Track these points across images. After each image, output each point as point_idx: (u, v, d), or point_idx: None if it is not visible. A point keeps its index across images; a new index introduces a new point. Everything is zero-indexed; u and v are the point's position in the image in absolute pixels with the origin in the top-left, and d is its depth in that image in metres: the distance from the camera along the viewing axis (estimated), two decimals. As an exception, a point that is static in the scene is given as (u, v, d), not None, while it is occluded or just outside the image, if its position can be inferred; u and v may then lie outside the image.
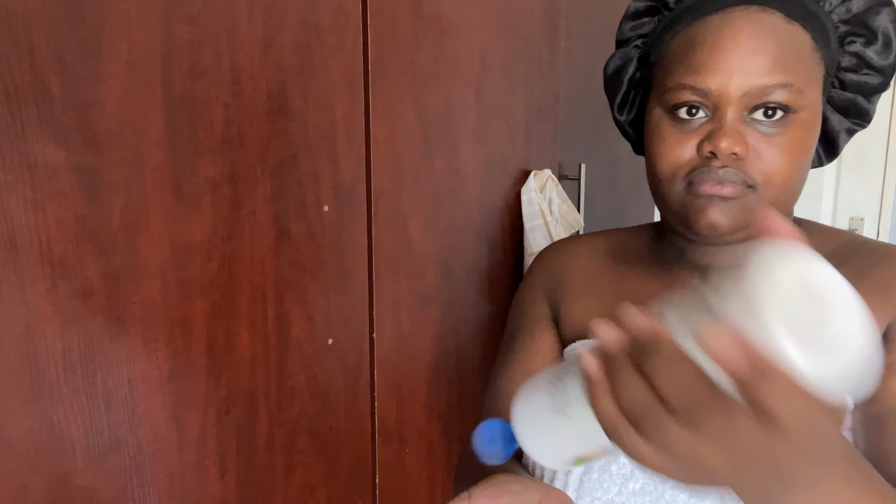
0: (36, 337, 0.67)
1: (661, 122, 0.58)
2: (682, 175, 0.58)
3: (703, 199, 0.56)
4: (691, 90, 0.55)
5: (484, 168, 1.20)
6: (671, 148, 0.57)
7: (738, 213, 0.56)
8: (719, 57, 0.54)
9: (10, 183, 0.63)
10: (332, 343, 0.98)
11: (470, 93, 1.15)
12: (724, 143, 0.54)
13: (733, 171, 0.55)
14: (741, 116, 0.55)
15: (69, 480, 0.71)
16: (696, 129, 0.56)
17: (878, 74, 0.60)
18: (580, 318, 0.69)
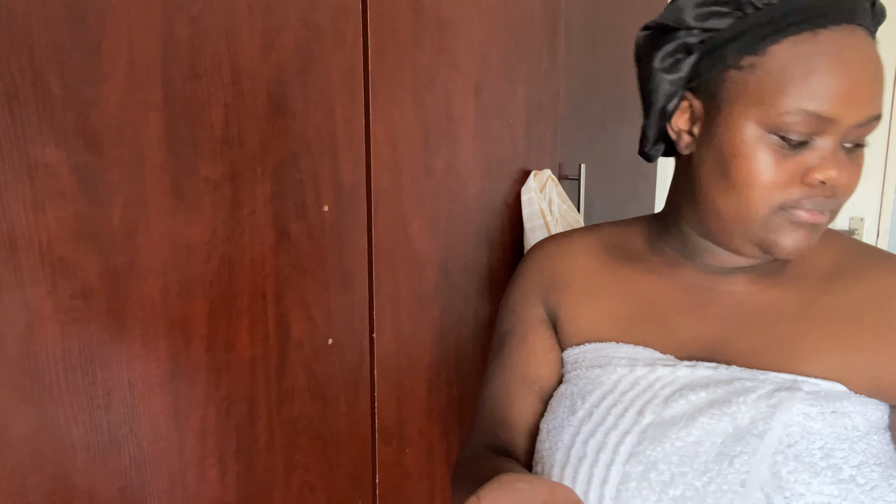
0: (36, 337, 0.67)
1: (762, 144, 0.54)
2: (779, 202, 0.55)
3: (799, 226, 0.55)
4: (815, 118, 0.52)
5: (484, 168, 1.20)
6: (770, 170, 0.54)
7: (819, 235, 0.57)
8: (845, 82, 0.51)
9: (10, 183, 0.63)
10: (332, 343, 0.98)
11: (470, 92, 1.15)
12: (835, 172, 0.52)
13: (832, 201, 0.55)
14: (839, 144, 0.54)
15: (69, 480, 0.71)
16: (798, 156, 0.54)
17: None
18: (585, 322, 0.68)
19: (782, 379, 0.58)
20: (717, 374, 0.59)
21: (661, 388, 0.60)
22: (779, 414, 0.55)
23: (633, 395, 0.60)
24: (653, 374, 0.61)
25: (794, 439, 0.55)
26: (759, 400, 0.56)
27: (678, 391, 0.59)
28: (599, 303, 0.67)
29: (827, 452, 0.54)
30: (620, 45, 1.62)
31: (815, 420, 0.55)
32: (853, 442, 0.55)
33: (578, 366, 0.66)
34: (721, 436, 0.56)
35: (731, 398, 0.57)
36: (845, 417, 0.56)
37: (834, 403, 0.56)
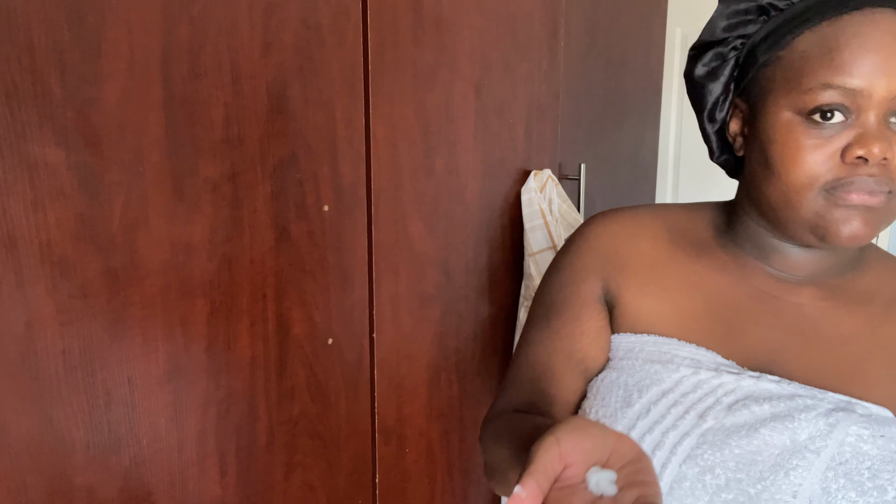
0: (36, 337, 0.67)
1: (794, 126, 0.55)
2: (822, 183, 0.54)
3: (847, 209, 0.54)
4: (839, 90, 0.52)
5: (484, 168, 1.20)
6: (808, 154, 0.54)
7: (879, 222, 0.55)
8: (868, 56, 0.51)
9: (10, 183, 0.63)
10: (332, 343, 0.98)
11: (470, 92, 1.15)
12: (876, 147, 0.52)
13: (882, 179, 0.53)
14: (882, 120, 0.53)
15: (69, 480, 0.71)
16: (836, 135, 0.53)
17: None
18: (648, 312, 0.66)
19: (839, 399, 0.59)
20: (780, 388, 0.59)
21: (724, 394, 0.60)
22: (835, 433, 0.56)
23: (694, 397, 0.60)
24: (717, 379, 0.60)
25: (846, 458, 0.56)
26: (818, 418, 0.57)
27: (741, 400, 0.59)
28: (665, 294, 0.65)
29: (874, 473, 0.55)
30: (620, 45, 1.62)
31: (866, 442, 0.56)
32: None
33: (634, 356, 0.65)
34: (779, 448, 0.57)
35: (792, 413, 0.57)
36: (893, 443, 0.57)
37: (884, 428, 0.57)
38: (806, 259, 0.63)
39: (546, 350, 0.70)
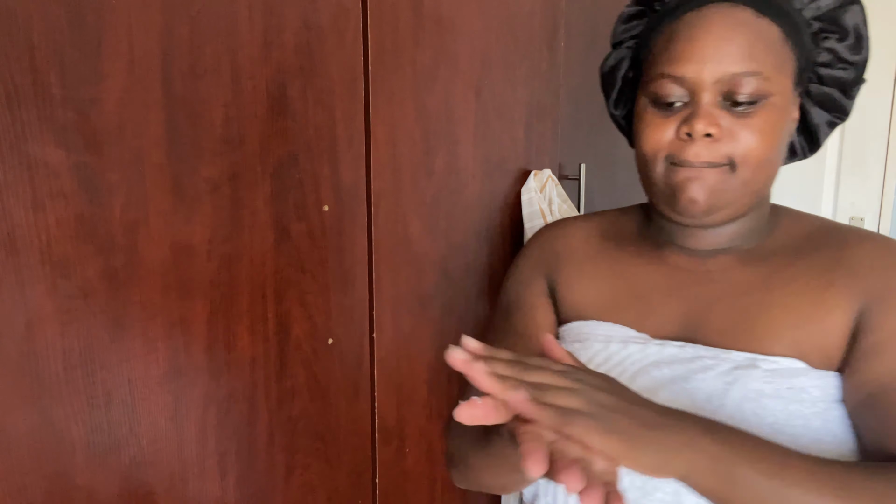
0: (36, 337, 0.67)
1: (646, 109, 0.63)
2: (663, 156, 0.62)
3: (682, 178, 0.60)
4: (671, 79, 0.60)
5: (484, 168, 1.20)
6: (654, 131, 0.62)
7: (716, 192, 0.60)
8: (694, 47, 0.59)
9: (10, 183, 0.63)
10: (332, 343, 0.98)
11: (470, 93, 1.15)
12: (698, 124, 0.58)
13: (707, 153, 0.59)
14: (716, 101, 0.59)
15: (69, 480, 0.71)
16: (676, 114, 0.61)
17: (851, 69, 0.64)
18: (579, 299, 0.73)
19: (742, 358, 0.61)
20: (683, 352, 0.63)
21: (630, 364, 0.65)
22: (733, 391, 0.59)
23: (605, 369, 0.66)
24: (624, 350, 0.66)
25: (746, 415, 0.58)
26: (717, 377, 0.60)
27: (644, 368, 0.64)
28: (590, 283, 0.72)
29: (777, 430, 0.57)
30: (620, 45, 1.62)
31: (769, 397, 0.58)
32: (807, 419, 0.58)
33: (563, 340, 0.72)
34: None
35: (690, 375, 0.61)
36: (802, 393, 0.58)
37: (790, 380, 0.59)
38: (708, 234, 0.67)
39: (507, 344, 0.75)
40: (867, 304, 0.60)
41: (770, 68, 0.59)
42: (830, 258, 0.63)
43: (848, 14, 0.63)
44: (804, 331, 0.61)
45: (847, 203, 1.79)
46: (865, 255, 0.62)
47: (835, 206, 1.80)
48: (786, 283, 0.63)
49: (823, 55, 0.64)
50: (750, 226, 0.67)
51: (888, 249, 0.62)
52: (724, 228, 0.66)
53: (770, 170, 0.62)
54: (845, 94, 0.66)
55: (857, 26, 0.63)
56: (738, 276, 0.66)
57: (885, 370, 0.57)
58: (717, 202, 0.61)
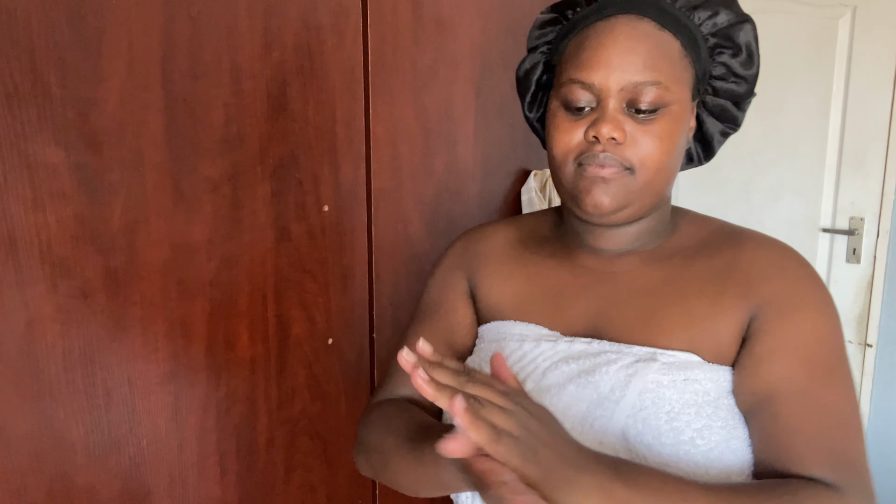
0: (36, 337, 0.67)
1: (558, 112, 0.66)
2: (572, 158, 0.65)
3: (589, 180, 0.63)
4: (580, 84, 0.63)
5: (484, 168, 1.20)
6: (563, 134, 0.65)
7: (619, 194, 0.63)
8: (601, 55, 0.62)
9: (10, 183, 0.63)
10: (332, 343, 0.98)
11: (470, 92, 1.15)
12: (604, 129, 0.61)
13: (611, 157, 0.62)
14: (621, 107, 0.63)
15: (69, 480, 0.71)
16: (584, 119, 0.64)
17: (743, 82, 0.68)
18: (496, 300, 0.76)
19: (644, 352, 0.65)
20: (590, 347, 0.67)
21: (542, 360, 0.69)
22: (634, 382, 0.63)
23: (519, 366, 0.69)
24: (537, 348, 0.69)
25: (645, 404, 0.62)
26: (619, 370, 0.64)
27: (555, 363, 0.68)
28: (507, 284, 0.75)
29: (673, 416, 0.61)
30: (620, 45, 1.62)
31: (666, 388, 0.63)
32: (700, 407, 0.62)
33: (482, 339, 0.75)
34: (586, 402, 0.64)
35: (595, 369, 0.65)
36: (696, 384, 0.63)
37: (686, 372, 0.63)
38: (614, 235, 0.70)
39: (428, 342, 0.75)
40: (760, 308, 0.64)
41: (670, 79, 0.63)
42: (726, 262, 0.67)
43: (741, 32, 0.66)
44: (699, 329, 0.66)
45: (847, 203, 1.78)
46: (760, 261, 0.66)
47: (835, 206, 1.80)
48: (683, 284, 0.68)
49: (718, 69, 0.68)
50: (651, 227, 0.71)
51: (782, 256, 0.67)
52: (628, 229, 0.70)
53: (668, 173, 0.67)
54: (737, 107, 0.71)
55: (748, 43, 0.67)
56: (640, 276, 0.70)
57: (777, 377, 0.62)
58: (619, 203, 0.64)
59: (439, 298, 0.79)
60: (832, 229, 1.81)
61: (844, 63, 1.75)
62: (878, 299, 1.74)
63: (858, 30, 1.72)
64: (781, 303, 0.63)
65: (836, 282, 1.80)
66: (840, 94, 1.75)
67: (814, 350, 0.61)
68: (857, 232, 1.78)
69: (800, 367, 0.61)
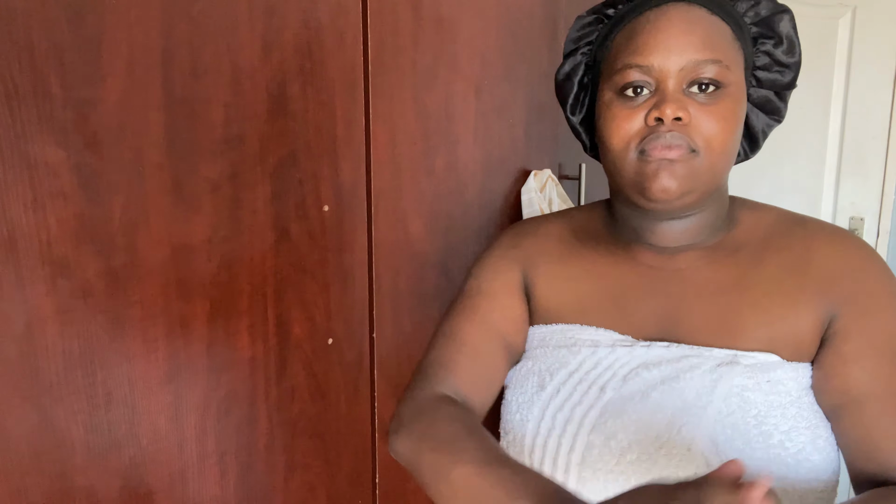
0: (36, 337, 0.67)
1: (612, 102, 0.65)
2: (634, 145, 0.64)
3: (655, 164, 0.62)
4: (637, 68, 0.63)
5: (484, 168, 1.20)
6: (622, 122, 0.64)
7: (685, 177, 0.62)
8: (658, 38, 0.62)
9: (10, 183, 0.64)
10: (332, 343, 0.98)
11: (470, 92, 1.15)
12: (668, 109, 0.60)
13: (678, 136, 0.61)
14: (680, 89, 0.62)
15: (69, 480, 0.71)
16: (643, 104, 0.63)
17: (787, 71, 0.68)
18: (556, 301, 0.73)
19: (724, 355, 0.64)
20: (669, 352, 0.66)
21: (619, 367, 0.67)
22: (719, 388, 0.62)
23: (595, 373, 0.68)
24: (612, 354, 0.68)
25: (732, 409, 0.62)
26: (703, 375, 0.63)
27: (634, 370, 0.66)
28: (567, 285, 0.73)
29: (760, 420, 0.61)
30: (620, 45, 1.62)
31: (751, 391, 0.62)
32: (785, 408, 0.62)
33: (546, 344, 0.72)
34: (671, 408, 0.63)
35: (679, 375, 0.64)
36: (779, 385, 0.62)
37: (768, 373, 0.63)
38: (674, 229, 0.69)
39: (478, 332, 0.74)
40: (841, 306, 0.63)
41: (727, 58, 0.63)
42: (799, 257, 0.66)
43: (782, 22, 0.67)
44: (776, 328, 0.64)
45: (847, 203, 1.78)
46: (835, 256, 0.65)
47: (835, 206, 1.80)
48: (757, 283, 0.66)
49: (762, 58, 0.68)
50: (712, 219, 0.69)
51: (857, 249, 0.66)
52: (688, 222, 0.69)
53: (730, 157, 0.66)
54: (779, 98, 0.70)
55: (789, 33, 0.67)
56: (708, 273, 0.68)
57: (865, 378, 0.61)
58: (686, 187, 0.63)
59: (490, 288, 0.75)
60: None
61: (844, 63, 1.75)
62: (878, 299, 1.74)
63: (858, 30, 1.72)
64: (864, 301, 0.63)
65: (836, 282, 1.80)
66: (840, 94, 1.75)
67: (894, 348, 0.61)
68: (857, 232, 1.78)
69: (887, 368, 0.60)
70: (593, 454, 0.64)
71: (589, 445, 0.64)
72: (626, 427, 0.63)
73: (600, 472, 0.63)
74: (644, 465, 0.62)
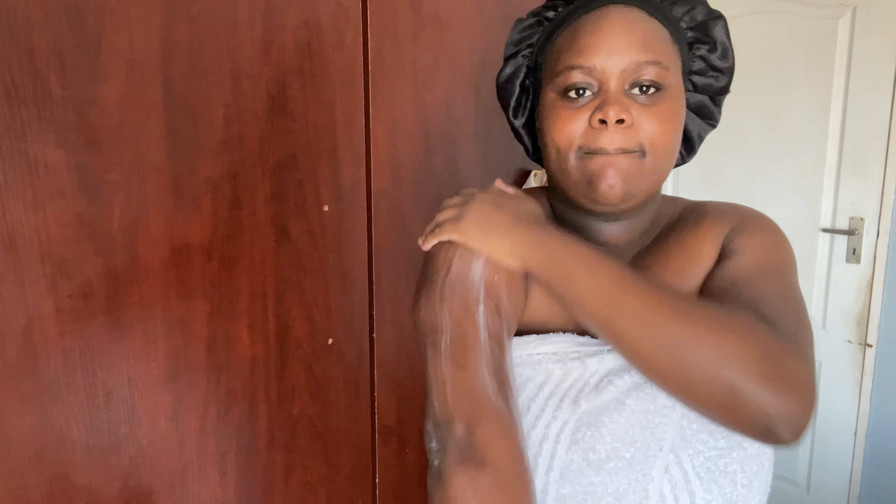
0: (36, 337, 0.67)
1: (555, 103, 0.65)
2: (577, 146, 0.64)
3: (599, 164, 0.63)
4: (579, 70, 0.63)
5: (484, 168, 1.20)
6: (566, 123, 0.64)
7: (631, 176, 0.63)
8: (600, 39, 0.63)
9: (10, 183, 0.64)
10: (332, 343, 0.98)
11: (470, 92, 1.15)
12: (611, 111, 0.61)
13: (619, 138, 0.62)
14: (623, 90, 0.63)
15: (69, 480, 0.71)
16: (586, 105, 0.64)
17: (721, 76, 0.69)
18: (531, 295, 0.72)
19: None
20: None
21: (590, 376, 0.67)
22: None
23: (566, 385, 0.67)
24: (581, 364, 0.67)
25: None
26: None
27: (605, 377, 0.66)
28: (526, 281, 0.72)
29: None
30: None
31: None
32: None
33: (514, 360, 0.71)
34: (645, 412, 0.64)
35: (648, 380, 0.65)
36: None
37: None
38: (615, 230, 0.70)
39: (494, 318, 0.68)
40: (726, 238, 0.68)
41: (666, 60, 0.64)
42: (698, 216, 0.71)
43: (716, 27, 0.67)
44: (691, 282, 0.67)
45: (847, 203, 1.78)
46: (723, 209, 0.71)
47: (835, 206, 1.80)
48: (668, 248, 0.70)
49: (697, 63, 0.69)
50: (649, 218, 0.72)
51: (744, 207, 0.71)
52: (628, 223, 0.70)
53: (672, 158, 0.67)
54: (714, 102, 0.72)
55: (723, 39, 0.68)
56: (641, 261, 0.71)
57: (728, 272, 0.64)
58: (631, 188, 0.64)
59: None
60: (832, 229, 1.81)
61: (844, 63, 1.75)
62: (878, 299, 1.74)
63: (858, 30, 1.72)
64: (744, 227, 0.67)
65: (836, 282, 1.80)
66: (840, 94, 1.75)
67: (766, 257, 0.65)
68: (857, 232, 1.78)
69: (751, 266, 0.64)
70: (573, 470, 0.63)
71: (568, 462, 0.64)
72: (603, 437, 0.63)
73: (579, 486, 0.63)
74: (622, 472, 0.62)
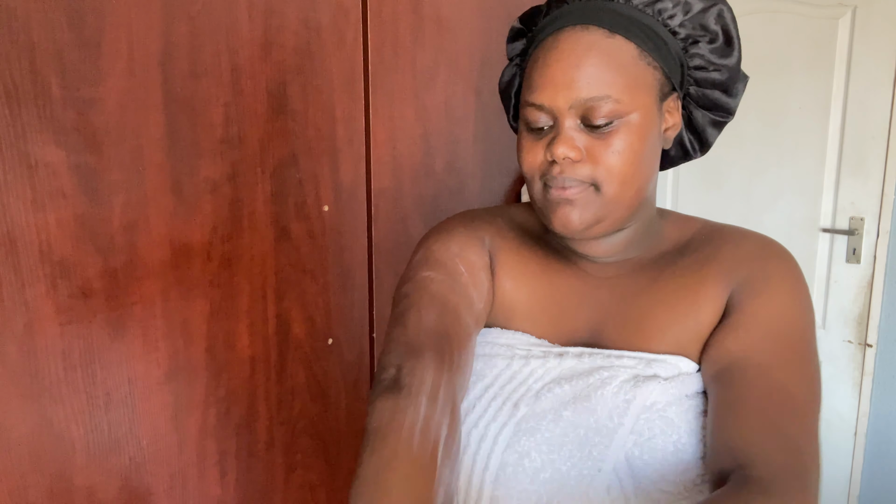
0: (36, 337, 0.67)
1: (522, 132, 0.65)
2: (538, 177, 0.64)
3: (554, 196, 0.62)
4: (533, 107, 0.62)
5: (484, 168, 1.20)
6: (527, 154, 0.64)
7: (586, 212, 0.62)
8: (547, 76, 0.61)
9: (10, 183, 0.64)
10: (332, 343, 0.98)
11: (470, 93, 1.15)
12: (559, 150, 0.60)
13: (570, 178, 0.61)
14: (575, 124, 0.61)
15: (69, 480, 0.71)
16: (545, 138, 0.63)
17: (724, 70, 0.66)
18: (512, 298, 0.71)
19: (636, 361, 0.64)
20: (581, 364, 0.66)
21: (533, 381, 0.67)
22: (632, 408, 0.62)
23: (510, 388, 0.67)
24: (527, 367, 0.67)
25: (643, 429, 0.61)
26: (615, 395, 0.63)
27: (547, 385, 0.66)
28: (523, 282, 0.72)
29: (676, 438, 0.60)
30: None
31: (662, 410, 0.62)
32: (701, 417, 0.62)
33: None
34: (584, 427, 0.63)
35: (590, 394, 0.64)
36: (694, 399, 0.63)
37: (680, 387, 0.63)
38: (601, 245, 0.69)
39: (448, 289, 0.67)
40: (735, 289, 0.64)
41: (621, 89, 0.61)
42: (707, 255, 0.67)
43: (713, 16, 0.64)
44: (683, 326, 0.65)
45: (847, 203, 1.78)
46: (739, 249, 0.66)
47: (835, 206, 1.80)
48: (667, 282, 0.67)
49: (695, 59, 0.66)
50: (639, 234, 0.70)
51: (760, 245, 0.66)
52: (614, 238, 0.69)
53: (638, 183, 0.65)
54: (727, 93, 0.68)
55: (724, 27, 0.65)
56: (630, 280, 0.69)
57: (739, 347, 0.61)
58: (589, 220, 0.63)
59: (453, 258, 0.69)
60: (832, 229, 1.81)
61: (844, 63, 1.75)
62: (878, 299, 1.74)
63: (858, 30, 1.72)
64: (756, 283, 0.63)
65: (836, 282, 1.80)
66: (840, 94, 1.75)
67: (780, 328, 0.61)
68: (857, 232, 1.78)
69: (763, 342, 0.61)
70: (507, 473, 0.63)
71: (503, 464, 0.64)
72: (539, 446, 0.63)
73: (514, 490, 0.62)
74: (556, 483, 0.62)
